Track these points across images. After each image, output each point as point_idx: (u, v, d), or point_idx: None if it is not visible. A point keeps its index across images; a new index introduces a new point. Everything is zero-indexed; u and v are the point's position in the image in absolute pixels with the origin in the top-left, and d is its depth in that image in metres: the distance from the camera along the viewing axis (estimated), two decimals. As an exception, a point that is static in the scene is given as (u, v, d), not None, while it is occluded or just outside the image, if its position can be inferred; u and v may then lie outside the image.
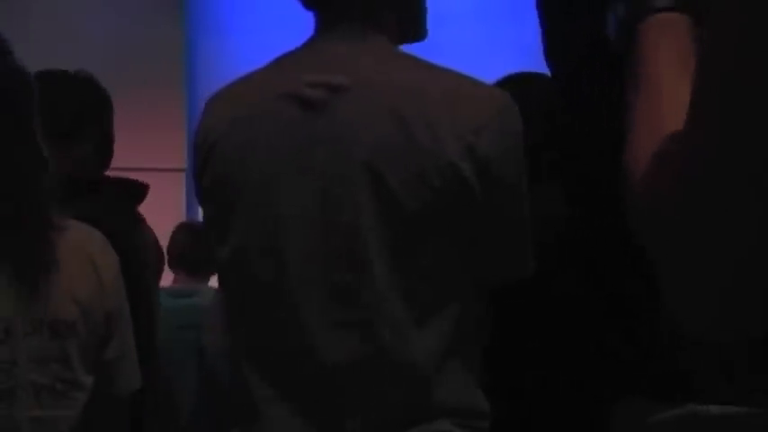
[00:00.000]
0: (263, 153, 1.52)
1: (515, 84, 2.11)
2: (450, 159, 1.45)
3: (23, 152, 1.51)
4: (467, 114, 1.48)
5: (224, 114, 1.59)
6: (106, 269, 1.58)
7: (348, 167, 1.48)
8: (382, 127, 1.47)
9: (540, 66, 2.28)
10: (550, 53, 1.41)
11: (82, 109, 2.23)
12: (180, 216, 5.73)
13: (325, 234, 1.48)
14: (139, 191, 2.35)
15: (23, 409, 1.45)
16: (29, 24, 5.79)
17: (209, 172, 1.58)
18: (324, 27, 1.60)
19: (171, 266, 3.82)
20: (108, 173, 2.41)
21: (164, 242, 3.87)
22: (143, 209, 2.41)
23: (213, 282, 4.14)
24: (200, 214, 5.92)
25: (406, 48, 1.63)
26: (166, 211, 4.23)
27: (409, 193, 1.45)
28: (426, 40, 1.68)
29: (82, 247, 1.57)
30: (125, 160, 2.59)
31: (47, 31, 6.18)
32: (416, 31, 1.66)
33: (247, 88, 1.62)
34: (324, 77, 1.52)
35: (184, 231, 4.08)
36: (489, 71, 1.58)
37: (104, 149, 2.28)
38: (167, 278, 3.63)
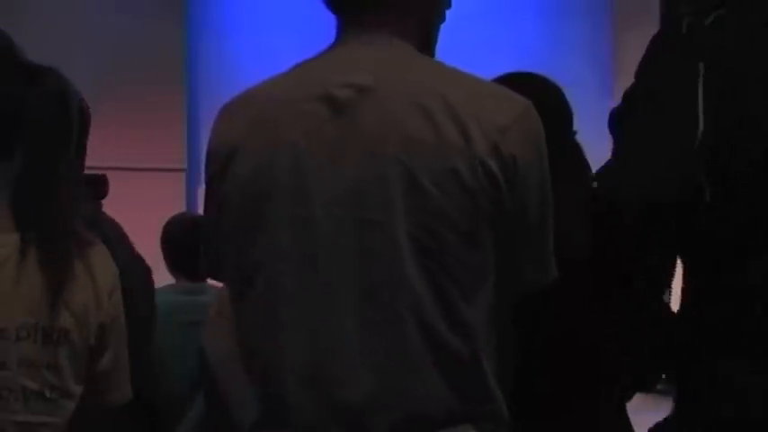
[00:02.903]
0: (291, 155, 1.51)
1: (514, 81, 2.11)
2: (480, 157, 1.46)
3: (68, 170, 1.57)
4: (491, 114, 1.49)
5: (244, 119, 1.58)
6: (103, 280, 1.57)
7: (380, 166, 1.47)
8: (411, 125, 1.47)
9: (538, 66, 2.29)
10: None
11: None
12: (180, 216, 5.73)
13: (357, 233, 1.48)
14: (102, 187, 2.40)
15: (10, 412, 1.45)
16: (29, 24, 5.80)
17: (230, 177, 1.56)
18: (346, 33, 1.60)
19: (170, 269, 3.79)
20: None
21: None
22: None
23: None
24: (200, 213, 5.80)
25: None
26: (166, 210, 4.22)
27: (441, 190, 1.45)
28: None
29: (82, 257, 1.57)
30: (125, 160, 2.60)
31: (47, 31, 6.18)
32: (425, 48, 1.65)
33: (268, 93, 1.61)
34: (349, 78, 1.52)
35: (182, 231, 3.98)
36: (489, 71, 1.59)
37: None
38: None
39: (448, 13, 1.65)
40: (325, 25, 1.66)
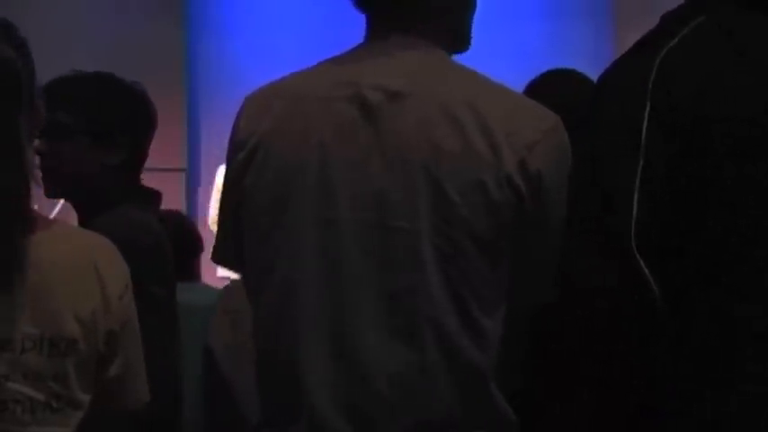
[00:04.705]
0: (319, 154, 1.51)
1: (552, 80, 2.13)
2: (507, 171, 1.47)
3: None
4: (521, 129, 1.50)
5: (270, 112, 1.57)
6: (112, 282, 1.48)
7: (407, 173, 1.48)
8: (441, 134, 1.48)
9: (539, 68, 2.29)
10: None
11: (121, 117, 2.16)
12: (179, 216, 5.73)
13: (381, 238, 1.48)
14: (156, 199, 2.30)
15: (18, 424, 1.41)
16: (28, 24, 5.79)
17: (254, 170, 1.55)
18: (376, 34, 1.59)
19: None
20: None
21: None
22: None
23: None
24: (200, 214, 5.83)
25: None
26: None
27: (466, 201, 1.46)
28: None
29: (87, 257, 1.48)
30: (125, 160, 2.59)
31: (46, 30, 6.17)
32: (459, 42, 1.65)
33: (296, 87, 1.60)
34: (382, 81, 1.52)
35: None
36: (489, 73, 1.58)
37: (133, 164, 2.22)
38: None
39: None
40: (326, 25, 1.66)
